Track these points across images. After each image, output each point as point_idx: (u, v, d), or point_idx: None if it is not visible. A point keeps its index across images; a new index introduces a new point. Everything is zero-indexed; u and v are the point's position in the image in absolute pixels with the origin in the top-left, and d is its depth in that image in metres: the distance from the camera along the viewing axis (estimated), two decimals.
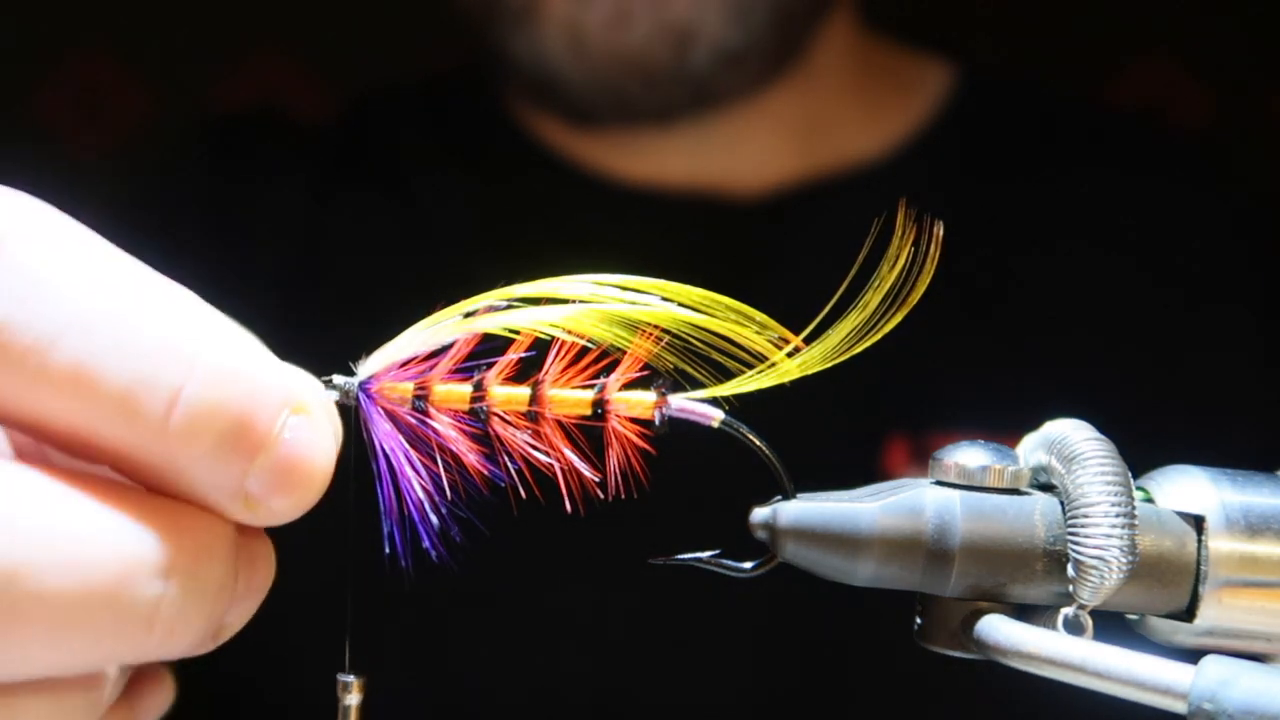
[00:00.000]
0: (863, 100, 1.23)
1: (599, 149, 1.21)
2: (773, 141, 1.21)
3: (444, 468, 0.52)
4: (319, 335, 1.09)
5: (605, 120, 1.17)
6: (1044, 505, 0.50)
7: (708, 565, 0.53)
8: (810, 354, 0.52)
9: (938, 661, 0.53)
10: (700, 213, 1.19)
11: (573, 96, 1.15)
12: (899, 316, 0.51)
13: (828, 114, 1.22)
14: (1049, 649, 0.49)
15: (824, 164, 1.21)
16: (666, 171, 1.20)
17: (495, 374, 0.52)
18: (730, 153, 1.20)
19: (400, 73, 1.37)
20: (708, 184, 1.20)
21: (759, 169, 1.20)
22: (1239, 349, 1.17)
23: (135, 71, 1.61)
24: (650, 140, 1.19)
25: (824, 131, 1.22)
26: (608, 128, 1.18)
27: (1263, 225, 1.24)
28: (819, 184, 1.20)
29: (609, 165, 1.21)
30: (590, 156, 1.21)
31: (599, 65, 1.11)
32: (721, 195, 1.19)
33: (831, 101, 1.23)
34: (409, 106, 1.30)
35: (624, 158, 1.20)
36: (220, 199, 1.23)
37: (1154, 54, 1.56)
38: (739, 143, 1.20)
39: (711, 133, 1.19)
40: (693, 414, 0.52)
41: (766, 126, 1.21)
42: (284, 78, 1.62)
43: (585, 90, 1.13)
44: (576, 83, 1.13)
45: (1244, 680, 0.46)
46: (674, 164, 1.20)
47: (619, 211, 1.19)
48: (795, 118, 1.21)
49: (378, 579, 0.53)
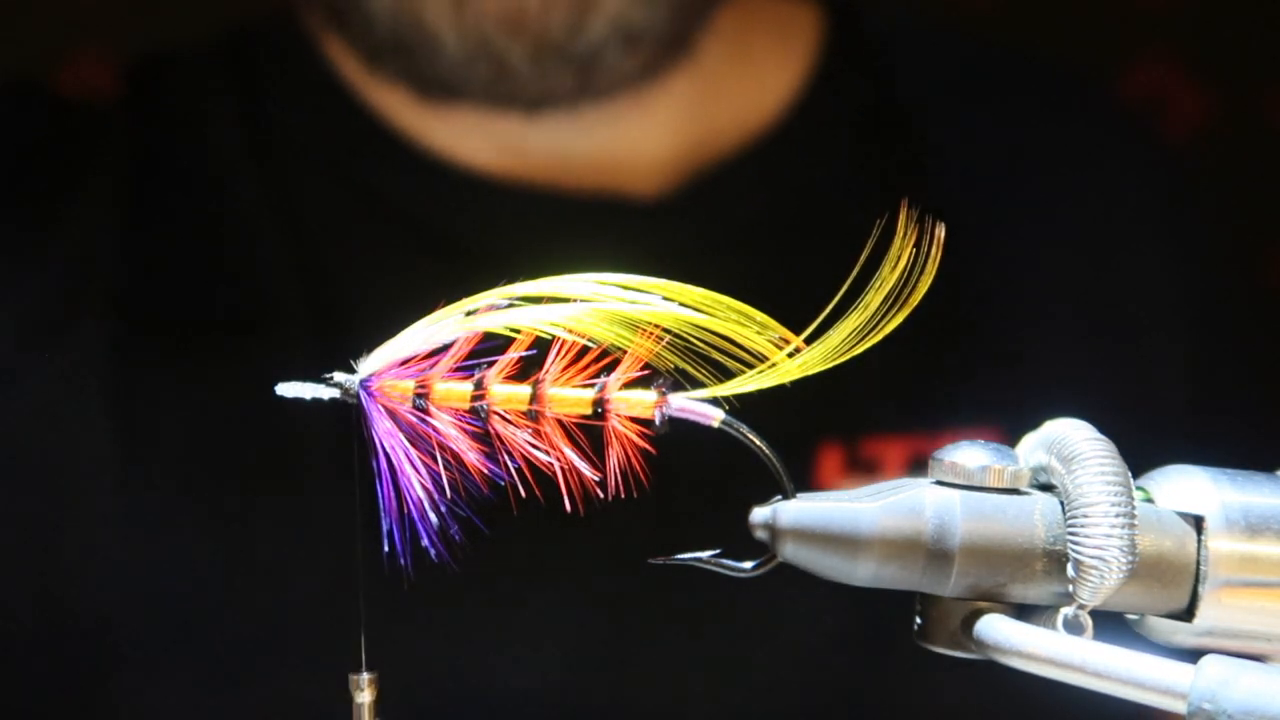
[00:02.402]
0: (743, 63, 1.13)
1: (451, 130, 1.08)
2: (654, 128, 1.10)
3: (444, 466, 0.52)
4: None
5: (469, 96, 1.04)
6: (1044, 505, 0.50)
7: (708, 565, 0.53)
8: (810, 354, 0.52)
9: (938, 661, 0.53)
10: (580, 208, 1.09)
11: (440, 62, 1.01)
12: (900, 317, 0.51)
13: (711, 90, 1.12)
14: (1049, 649, 0.49)
15: (712, 145, 1.12)
16: (531, 162, 1.09)
17: (496, 373, 0.52)
18: (609, 142, 1.10)
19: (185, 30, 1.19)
20: (582, 176, 1.09)
21: (640, 158, 1.11)
22: (1239, 349, 1.17)
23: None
24: (514, 126, 1.07)
25: (708, 109, 1.12)
26: (468, 106, 1.05)
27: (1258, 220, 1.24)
28: (707, 168, 1.11)
29: (461, 150, 1.09)
30: (439, 138, 1.09)
31: (482, 25, 0.99)
32: (600, 189, 1.10)
33: (715, 76, 1.12)
34: (208, 71, 1.14)
35: (482, 142, 1.09)
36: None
37: (1154, 54, 1.56)
38: (618, 132, 1.10)
39: (588, 121, 1.07)
40: (693, 414, 0.52)
41: (649, 113, 1.10)
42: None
43: (457, 55, 1.00)
44: (449, 45, 1.00)
45: (1244, 680, 0.46)
46: (542, 152, 1.09)
47: (472, 202, 1.09)
48: (679, 103, 1.11)
49: (378, 577, 0.53)
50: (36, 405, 1.08)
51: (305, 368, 0.53)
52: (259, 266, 1.09)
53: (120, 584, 1.14)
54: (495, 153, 1.09)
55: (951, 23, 1.38)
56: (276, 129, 1.12)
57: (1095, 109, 1.26)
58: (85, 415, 1.08)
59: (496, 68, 1.01)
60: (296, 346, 1.05)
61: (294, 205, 1.10)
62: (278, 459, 1.08)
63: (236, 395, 0.54)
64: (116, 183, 1.10)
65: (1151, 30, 1.56)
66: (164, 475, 1.09)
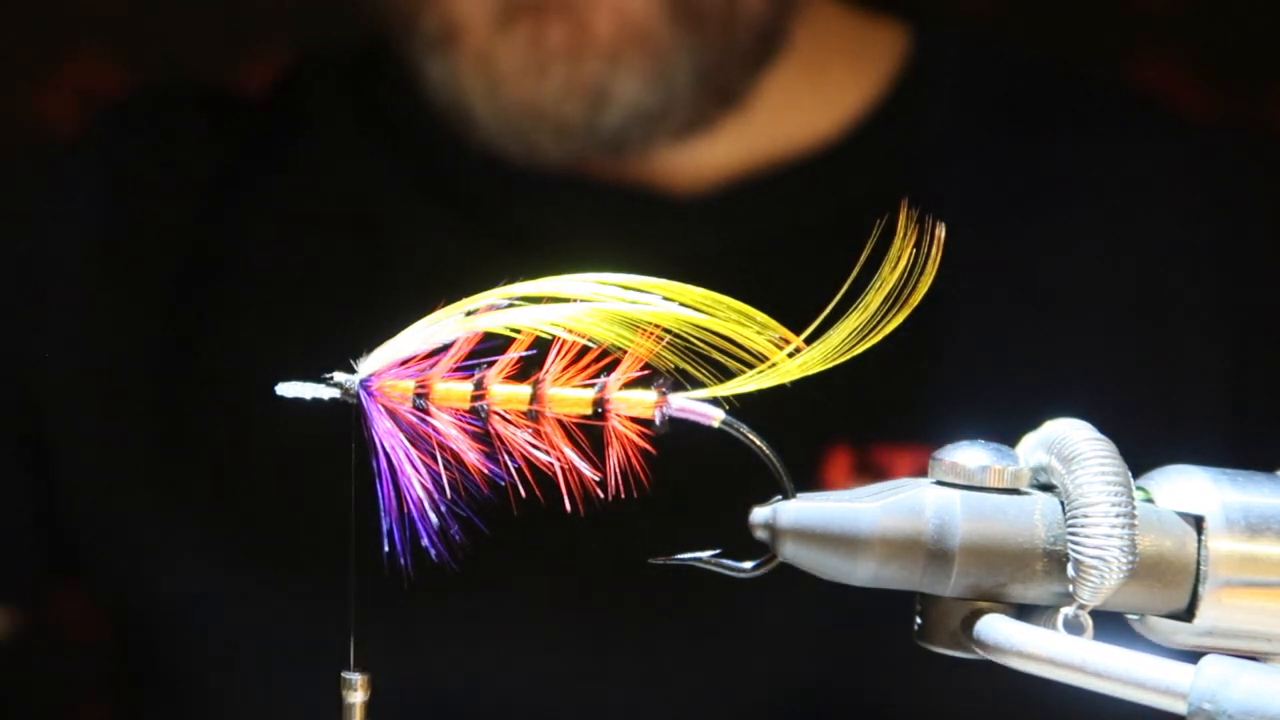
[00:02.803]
0: (812, 78, 1.15)
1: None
2: (713, 144, 1.13)
3: (444, 466, 0.52)
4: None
5: (514, 162, 1.11)
6: (1044, 505, 0.50)
7: (707, 565, 0.53)
8: (811, 354, 0.52)
9: (938, 662, 0.53)
10: (630, 208, 1.12)
11: (478, 135, 1.10)
12: (900, 317, 0.51)
13: (774, 102, 1.13)
14: (1049, 649, 0.49)
15: (770, 151, 1.13)
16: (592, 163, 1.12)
17: (496, 372, 0.52)
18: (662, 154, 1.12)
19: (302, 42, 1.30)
20: (636, 178, 1.12)
21: (694, 162, 1.13)
22: (1239, 348, 1.17)
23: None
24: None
25: (769, 118, 1.14)
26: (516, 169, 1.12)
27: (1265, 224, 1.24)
28: (764, 174, 1.13)
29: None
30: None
31: (510, 110, 1.07)
32: (653, 190, 1.12)
33: (778, 90, 1.14)
34: (337, 80, 1.22)
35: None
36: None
37: (1154, 53, 1.56)
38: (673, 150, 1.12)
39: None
40: (693, 414, 0.52)
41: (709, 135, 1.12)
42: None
43: (495, 132, 1.09)
44: (486, 122, 1.08)
45: (1244, 680, 0.46)
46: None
47: (544, 201, 1.13)
48: (740, 123, 1.13)
49: (375, 577, 0.53)
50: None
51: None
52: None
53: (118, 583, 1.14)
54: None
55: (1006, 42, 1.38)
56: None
57: (1110, 108, 1.25)
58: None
59: (527, 147, 1.09)
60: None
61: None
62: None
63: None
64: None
65: (1152, 30, 1.56)
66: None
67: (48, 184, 1.23)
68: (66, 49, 1.58)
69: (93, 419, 1.15)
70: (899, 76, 1.16)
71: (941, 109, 1.16)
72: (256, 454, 1.12)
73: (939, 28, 1.21)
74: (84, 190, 1.18)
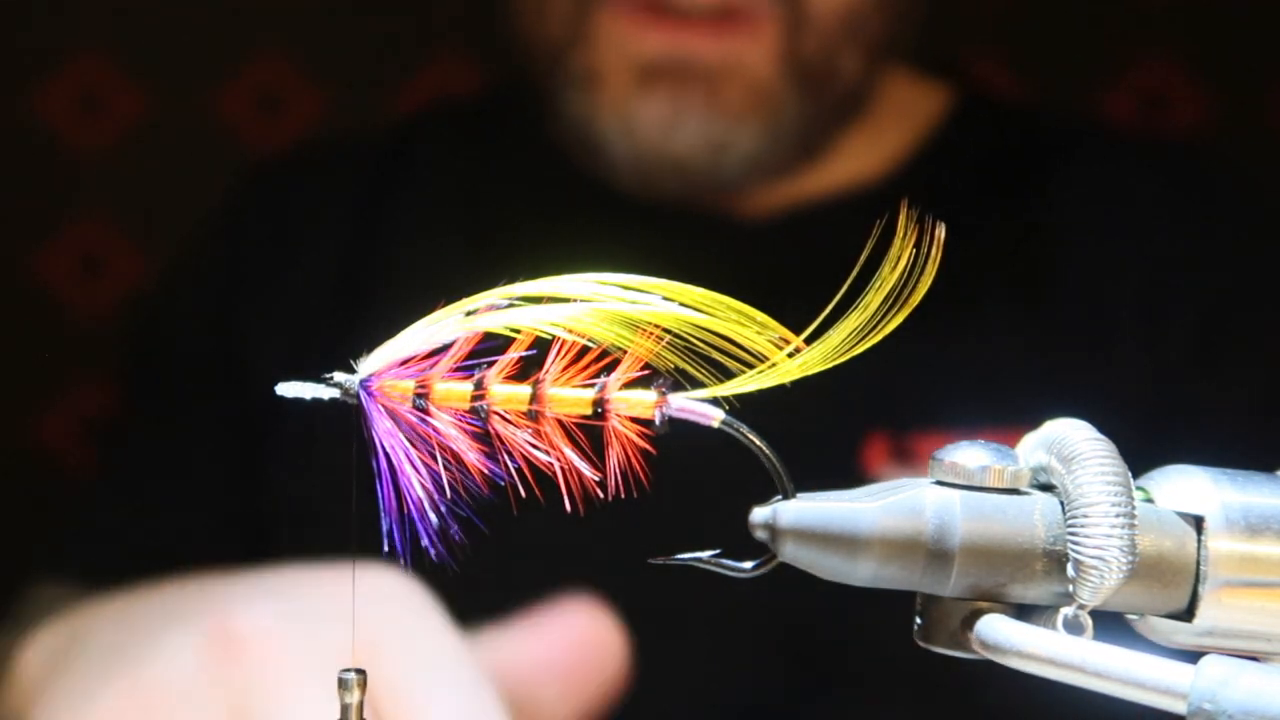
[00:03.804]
0: (865, 125, 1.26)
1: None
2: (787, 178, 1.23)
3: (444, 466, 0.52)
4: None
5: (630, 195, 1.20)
6: (1044, 505, 0.50)
7: (707, 565, 0.53)
8: (811, 354, 0.52)
9: (938, 661, 0.53)
10: (695, 228, 1.21)
11: (608, 169, 1.18)
12: (900, 317, 0.51)
13: (838, 148, 1.25)
14: (1049, 649, 0.49)
15: (820, 185, 1.23)
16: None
17: (496, 373, 0.52)
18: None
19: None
20: (704, 202, 1.22)
21: (765, 196, 1.23)
22: (1239, 348, 1.17)
23: (136, 72, 1.61)
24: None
25: (832, 161, 1.24)
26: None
27: (1260, 226, 1.24)
28: (814, 204, 1.22)
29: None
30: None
31: (642, 153, 1.16)
32: (717, 212, 1.22)
33: (844, 139, 1.25)
34: (465, 122, 1.34)
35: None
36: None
37: (1154, 54, 1.56)
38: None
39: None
40: (693, 414, 0.52)
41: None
42: (283, 81, 1.63)
43: (624, 169, 1.17)
44: (618, 160, 1.17)
45: (1244, 680, 0.46)
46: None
47: (621, 218, 1.20)
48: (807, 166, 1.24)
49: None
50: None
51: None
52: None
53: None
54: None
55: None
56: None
57: (1094, 129, 1.30)
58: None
59: (648, 183, 1.18)
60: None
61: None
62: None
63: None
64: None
65: (1152, 31, 1.56)
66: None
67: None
68: (66, 49, 1.59)
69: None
70: (935, 127, 1.26)
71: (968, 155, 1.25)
72: (256, 453, 1.12)
73: (972, 88, 1.32)
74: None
